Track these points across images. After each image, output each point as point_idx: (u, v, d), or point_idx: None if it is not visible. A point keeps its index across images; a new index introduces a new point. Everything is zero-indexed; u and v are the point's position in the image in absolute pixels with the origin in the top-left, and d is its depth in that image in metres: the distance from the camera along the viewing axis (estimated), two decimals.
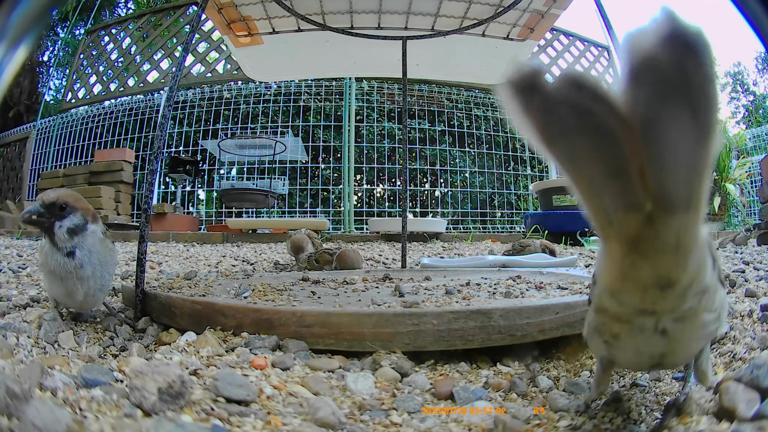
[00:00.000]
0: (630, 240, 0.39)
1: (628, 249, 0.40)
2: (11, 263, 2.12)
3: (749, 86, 15.10)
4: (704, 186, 0.35)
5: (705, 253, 0.42)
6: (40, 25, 0.49)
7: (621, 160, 0.34)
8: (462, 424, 0.57)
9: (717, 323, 0.48)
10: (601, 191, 0.37)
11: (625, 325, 0.47)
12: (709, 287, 0.44)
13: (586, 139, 0.34)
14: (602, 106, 0.32)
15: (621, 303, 0.45)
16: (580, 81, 0.31)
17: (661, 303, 0.43)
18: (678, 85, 0.31)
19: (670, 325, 0.45)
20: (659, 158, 0.33)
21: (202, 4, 1.37)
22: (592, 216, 0.40)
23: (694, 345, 0.49)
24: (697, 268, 0.41)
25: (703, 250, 0.42)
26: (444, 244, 4.28)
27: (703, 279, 0.43)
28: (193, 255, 3.08)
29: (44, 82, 10.70)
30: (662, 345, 0.46)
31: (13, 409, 0.45)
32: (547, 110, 0.33)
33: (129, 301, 1.11)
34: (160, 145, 1.15)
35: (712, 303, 0.45)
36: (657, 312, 0.44)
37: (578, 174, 0.37)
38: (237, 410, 0.54)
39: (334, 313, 0.82)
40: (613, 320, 0.48)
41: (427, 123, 6.66)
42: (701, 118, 0.32)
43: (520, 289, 1.28)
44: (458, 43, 2.02)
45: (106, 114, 6.89)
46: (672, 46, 0.30)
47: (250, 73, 2.28)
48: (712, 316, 0.46)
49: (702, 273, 0.42)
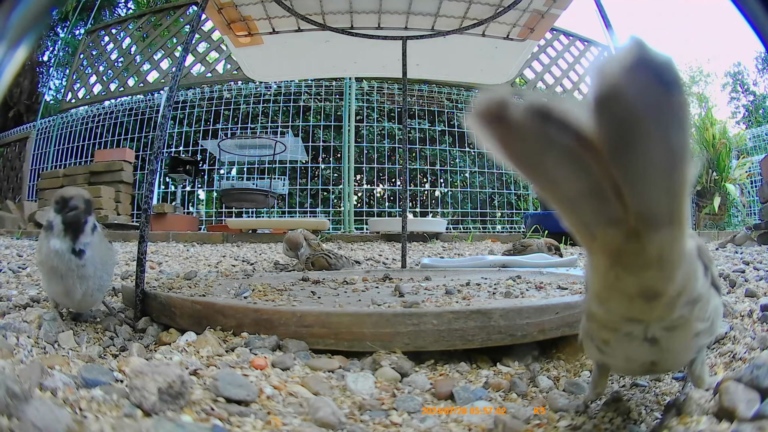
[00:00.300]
0: (613, 254, 0.39)
1: (611, 262, 0.40)
2: (11, 263, 2.12)
3: (749, 86, 15.11)
4: (682, 203, 0.35)
5: (694, 264, 0.42)
6: (40, 25, 0.49)
7: (594, 181, 0.34)
8: (462, 424, 0.57)
9: (710, 332, 0.48)
10: (579, 209, 0.38)
11: (614, 332, 0.47)
12: (701, 296, 0.44)
13: (556, 165, 0.35)
14: (568, 135, 0.32)
15: (608, 311, 0.46)
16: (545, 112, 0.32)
17: (649, 312, 0.43)
18: (644, 113, 0.31)
19: (659, 333, 0.45)
20: (631, 181, 0.34)
21: (202, 4, 1.37)
22: (574, 231, 0.40)
23: (686, 353, 0.49)
24: (685, 279, 0.41)
25: (692, 262, 0.42)
26: (444, 244, 4.29)
27: (693, 289, 0.43)
28: (193, 255, 3.08)
29: (44, 82, 10.71)
30: (652, 353, 0.47)
31: (13, 409, 0.45)
32: (515, 140, 0.34)
33: (129, 301, 1.11)
34: (160, 145, 1.15)
35: (704, 312, 0.45)
36: (645, 321, 0.44)
37: (554, 195, 0.38)
38: (237, 410, 0.54)
39: (334, 313, 0.82)
40: (602, 327, 0.48)
41: (427, 123, 6.66)
42: (669, 144, 0.32)
43: (520, 289, 1.28)
44: (458, 43, 2.02)
45: (106, 114, 6.89)
46: (638, 76, 0.30)
47: (250, 73, 2.27)
48: (704, 325, 0.46)
49: (691, 283, 0.42)
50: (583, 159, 0.33)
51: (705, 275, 0.45)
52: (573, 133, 0.32)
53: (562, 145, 0.33)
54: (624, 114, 0.31)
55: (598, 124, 0.32)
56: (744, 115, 14.68)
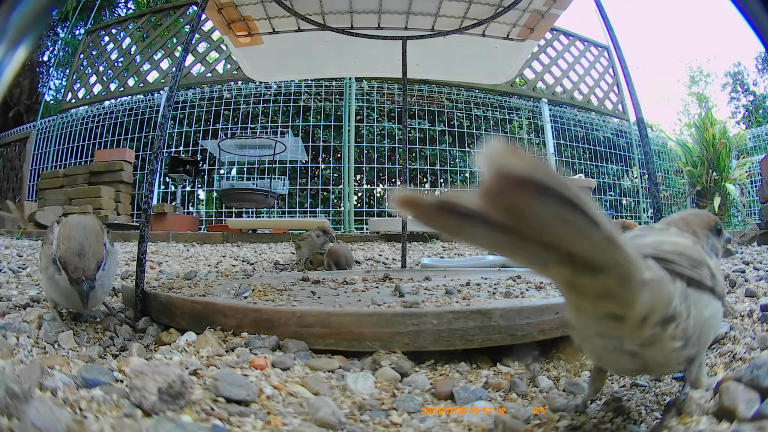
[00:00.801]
0: (566, 285, 0.41)
1: (567, 290, 0.42)
2: (11, 263, 2.12)
3: (749, 86, 15.09)
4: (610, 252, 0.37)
5: (663, 289, 0.43)
6: (40, 25, 0.49)
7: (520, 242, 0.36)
8: (462, 424, 0.57)
9: (697, 344, 0.49)
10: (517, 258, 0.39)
11: (591, 343, 0.49)
12: (678, 314, 0.45)
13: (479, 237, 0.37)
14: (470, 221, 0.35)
15: (583, 326, 0.48)
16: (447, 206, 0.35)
17: (619, 330, 0.44)
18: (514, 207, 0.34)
19: (636, 348, 0.46)
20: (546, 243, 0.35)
21: (202, 4, 1.37)
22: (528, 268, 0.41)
23: (671, 363, 0.50)
24: (650, 304, 0.42)
25: (659, 288, 0.43)
26: (444, 244, 4.28)
27: (665, 310, 0.44)
28: (193, 255, 3.08)
29: (44, 82, 10.69)
30: (635, 363, 0.48)
31: (13, 409, 0.45)
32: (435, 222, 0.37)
33: (129, 301, 1.11)
34: (160, 145, 1.15)
35: (683, 329, 0.46)
36: (616, 337, 0.46)
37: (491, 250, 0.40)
38: (237, 410, 0.54)
39: (334, 313, 0.82)
40: (580, 337, 0.50)
41: (427, 123, 6.65)
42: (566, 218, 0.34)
43: (520, 289, 1.28)
44: (458, 43, 2.02)
45: (106, 114, 6.88)
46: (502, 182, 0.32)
47: (250, 73, 2.27)
48: (682, 342, 0.47)
49: (660, 305, 0.43)
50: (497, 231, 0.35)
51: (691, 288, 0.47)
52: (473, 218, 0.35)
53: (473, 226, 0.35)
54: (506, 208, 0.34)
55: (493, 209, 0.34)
56: (744, 115, 14.66)
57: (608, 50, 6.78)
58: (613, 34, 1.33)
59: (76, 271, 0.84)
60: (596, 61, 6.91)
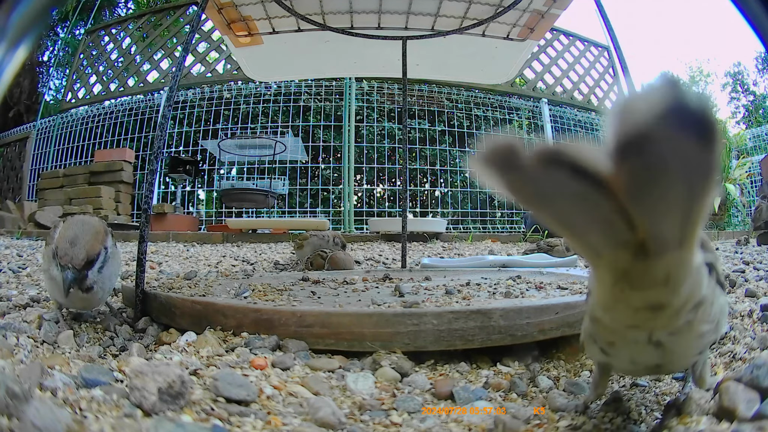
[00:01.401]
0: (619, 272, 0.39)
1: (617, 278, 0.40)
2: (11, 263, 2.12)
3: (749, 86, 15.10)
4: (696, 229, 0.35)
5: (700, 273, 0.42)
6: (40, 25, 0.49)
7: (605, 214, 0.34)
8: (462, 424, 0.57)
9: (715, 331, 0.48)
10: (585, 236, 0.37)
11: (619, 336, 0.47)
12: (706, 298, 0.44)
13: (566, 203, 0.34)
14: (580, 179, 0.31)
15: (613, 319, 0.46)
16: (556, 157, 0.31)
17: (653, 321, 0.43)
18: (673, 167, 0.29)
19: (664, 338, 0.45)
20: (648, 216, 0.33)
21: (202, 4, 1.37)
22: (580, 251, 0.40)
23: (691, 354, 0.49)
24: (690, 290, 0.41)
25: (698, 272, 0.41)
26: (444, 244, 4.28)
27: (698, 295, 0.43)
28: (193, 255, 3.08)
29: (44, 82, 10.69)
30: (657, 356, 0.47)
31: (13, 409, 0.45)
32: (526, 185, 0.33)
33: (129, 301, 1.11)
34: (160, 145, 1.15)
35: (708, 313, 0.45)
36: (649, 328, 0.44)
37: (560, 225, 0.37)
38: (237, 410, 0.54)
39: (334, 313, 0.82)
40: (606, 331, 0.48)
41: (427, 123, 6.65)
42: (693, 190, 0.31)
43: (520, 289, 1.28)
44: (458, 43, 2.02)
45: (106, 114, 6.88)
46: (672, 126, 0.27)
47: (250, 73, 2.27)
48: (709, 327, 0.46)
49: (696, 291, 0.42)
50: (595, 197, 0.32)
51: (710, 275, 0.45)
52: (585, 177, 0.31)
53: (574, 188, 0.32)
54: (650, 164, 0.29)
55: (618, 169, 0.31)
56: (744, 115, 14.67)
57: (608, 50, 6.78)
58: (613, 34, 1.33)
59: (63, 258, 0.84)
60: (596, 61, 6.91)
